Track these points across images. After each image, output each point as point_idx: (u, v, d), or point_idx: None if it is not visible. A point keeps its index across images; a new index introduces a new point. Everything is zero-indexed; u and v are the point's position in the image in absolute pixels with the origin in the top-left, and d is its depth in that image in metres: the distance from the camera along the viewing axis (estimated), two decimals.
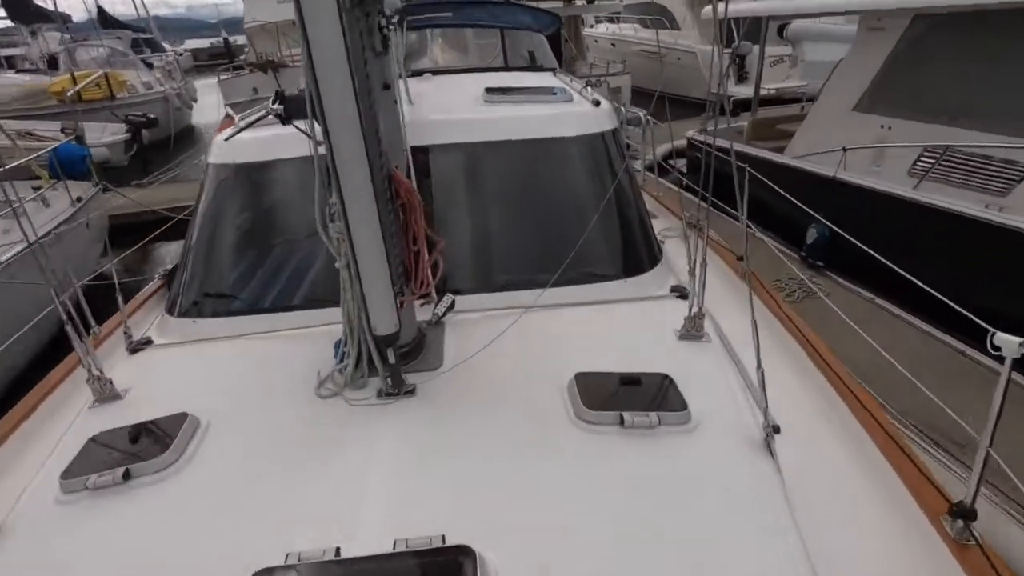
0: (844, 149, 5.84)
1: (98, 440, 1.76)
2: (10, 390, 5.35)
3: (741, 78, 14.10)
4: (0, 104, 12.02)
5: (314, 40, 1.44)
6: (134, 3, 21.61)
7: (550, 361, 2.08)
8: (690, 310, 2.24)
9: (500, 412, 1.84)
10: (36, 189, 6.49)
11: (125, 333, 2.43)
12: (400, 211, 1.89)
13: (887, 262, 3.25)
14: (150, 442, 1.71)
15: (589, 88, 3.46)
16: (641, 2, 17.12)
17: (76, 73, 12.42)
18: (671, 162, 10.28)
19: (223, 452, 1.72)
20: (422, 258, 1.94)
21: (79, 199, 6.63)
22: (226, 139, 2.62)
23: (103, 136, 8.56)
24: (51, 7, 15.34)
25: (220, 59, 25.87)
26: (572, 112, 3.00)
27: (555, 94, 3.18)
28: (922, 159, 5.54)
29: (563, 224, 2.84)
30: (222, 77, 14.06)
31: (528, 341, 2.19)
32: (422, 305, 2.24)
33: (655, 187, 4.96)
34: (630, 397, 1.81)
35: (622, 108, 5.87)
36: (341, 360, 1.99)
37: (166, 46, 25.01)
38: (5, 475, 1.78)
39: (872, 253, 3.34)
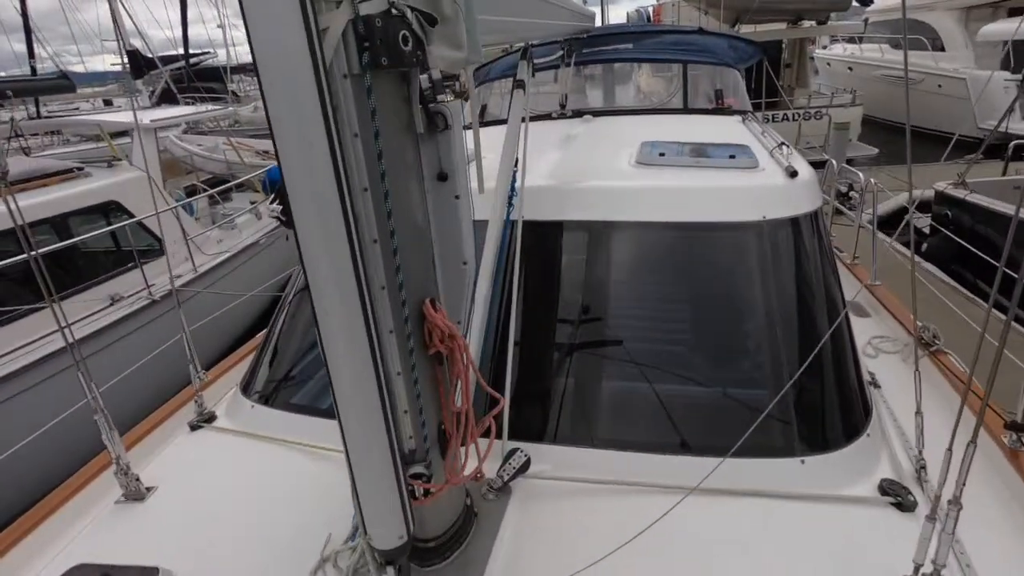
0: None
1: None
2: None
3: None
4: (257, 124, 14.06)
5: (277, 117, 0.94)
6: None
7: None
8: (916, 569, 1.27)
9: None
10: (253, 203, 7.43)
11: (196, 401, 2.29)
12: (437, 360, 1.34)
13: None
14: None
15: (785, 147, 2.57)
16: (892, 19, 14.38)
17: None
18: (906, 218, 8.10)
19: None
20: (470, 428, 1.37)
21: None
22: None
23: None
24: None
25: None
26: (755, 186, 2.18)
27: (733, 157, 2.38)
28: None
29: (718, 355, 2.03)
30: None
31: (620, 551, 1.46)
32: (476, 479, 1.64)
33: (868, 266, 3.66)
34: None
35: (833, 162, 4.57)
36: (354, 534, 1.53)
37: None
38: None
39: None
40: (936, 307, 3.15)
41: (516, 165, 2.19)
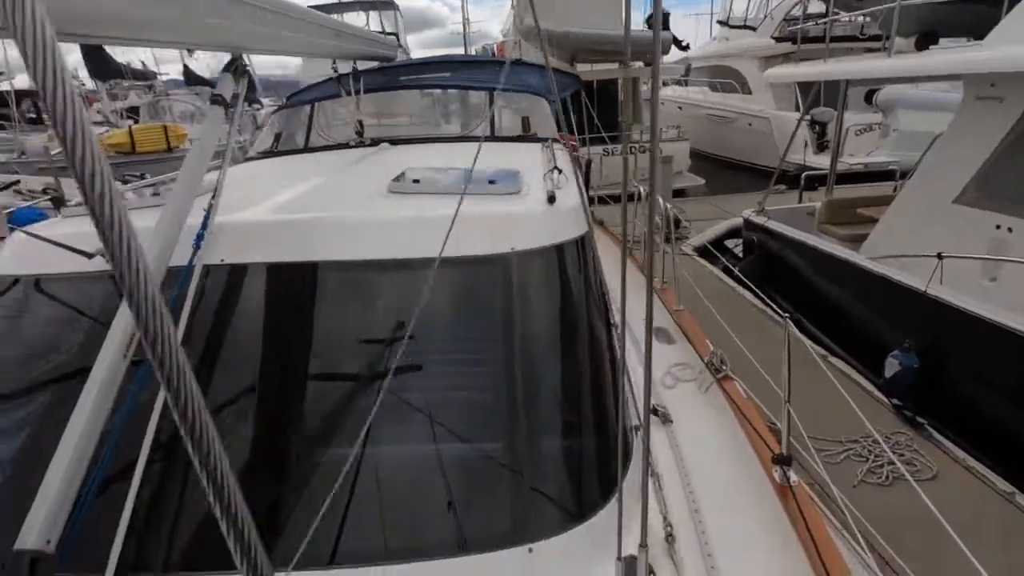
0: (939, 256, 4.29)
1: None
2: None
3: (821, 147, 12.52)
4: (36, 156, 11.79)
5: None
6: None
7: None
8: None
9: None
10: None
11: None
12: None
13: None
14: None
15: (559, 172, 2.31)
16: (710, 66, 16.01)
17: (135, 127, 12.86)
18: (726, 244, 8.79)
19: None
20: None
21: None
22: None
23: None
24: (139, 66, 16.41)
25: None
26: (504, 212, 1.89)
27: (494, 182, 2.08)
28: None
29: (452, 422, 1.64)
30: None
31: None
32: None
33: (680, 298, 3.53)
34: None
35: (660, 198, 4.42)
36: None
37: (265, 102, 26.38)
38: None
39: None
40: (740, 331, 3.08)
41: (214, 198, 1.77)
